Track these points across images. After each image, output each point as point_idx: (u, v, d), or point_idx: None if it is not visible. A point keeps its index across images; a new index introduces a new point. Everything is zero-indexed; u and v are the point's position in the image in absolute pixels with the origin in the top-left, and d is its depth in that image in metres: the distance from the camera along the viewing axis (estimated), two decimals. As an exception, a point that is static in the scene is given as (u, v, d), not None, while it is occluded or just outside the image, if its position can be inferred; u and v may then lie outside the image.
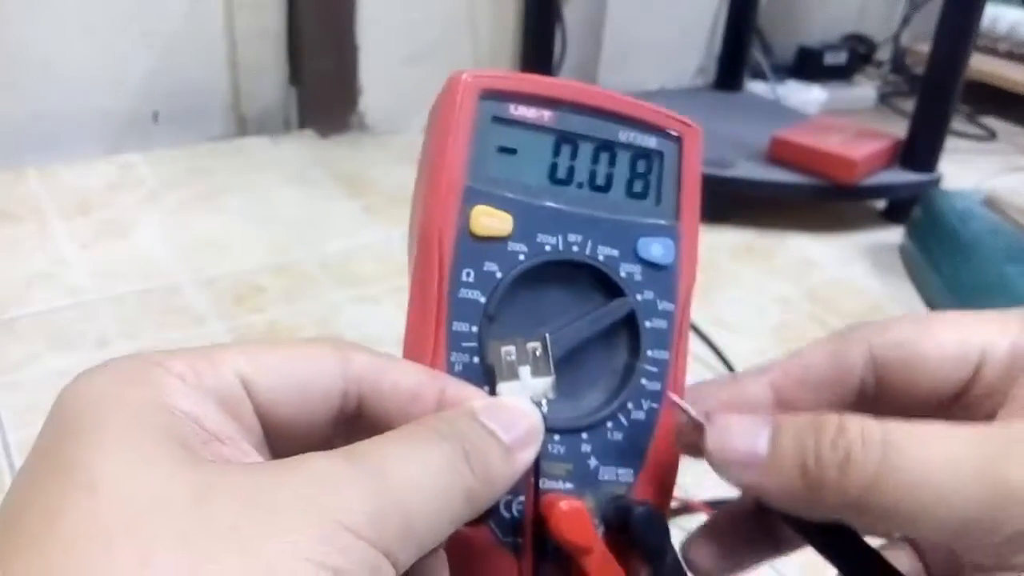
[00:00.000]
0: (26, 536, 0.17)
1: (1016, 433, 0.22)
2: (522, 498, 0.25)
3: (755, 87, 1.65)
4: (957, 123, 1.51)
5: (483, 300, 0.25)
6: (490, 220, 0.25)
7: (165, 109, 1.35)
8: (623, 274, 0.27)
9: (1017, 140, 1.67)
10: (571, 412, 0.26)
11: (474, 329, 0.25)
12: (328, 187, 1.23)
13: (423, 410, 0.23)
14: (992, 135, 1.67)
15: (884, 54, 1.93)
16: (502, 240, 0.25)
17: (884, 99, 1.81)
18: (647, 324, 0.27)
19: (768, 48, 1.73)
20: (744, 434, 0.24)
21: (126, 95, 1.32)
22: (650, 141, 0.27)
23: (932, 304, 1.02)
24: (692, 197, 0.28)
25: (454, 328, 0.25)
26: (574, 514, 0.25)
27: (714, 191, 1.23)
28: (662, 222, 0.27)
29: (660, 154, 0.28)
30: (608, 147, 0.27)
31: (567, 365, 0.26)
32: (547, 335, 0.25)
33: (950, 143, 1.24)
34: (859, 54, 1.86)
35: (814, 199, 1.23)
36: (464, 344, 0.25)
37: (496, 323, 0.25)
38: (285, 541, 0.17)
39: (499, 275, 0.25)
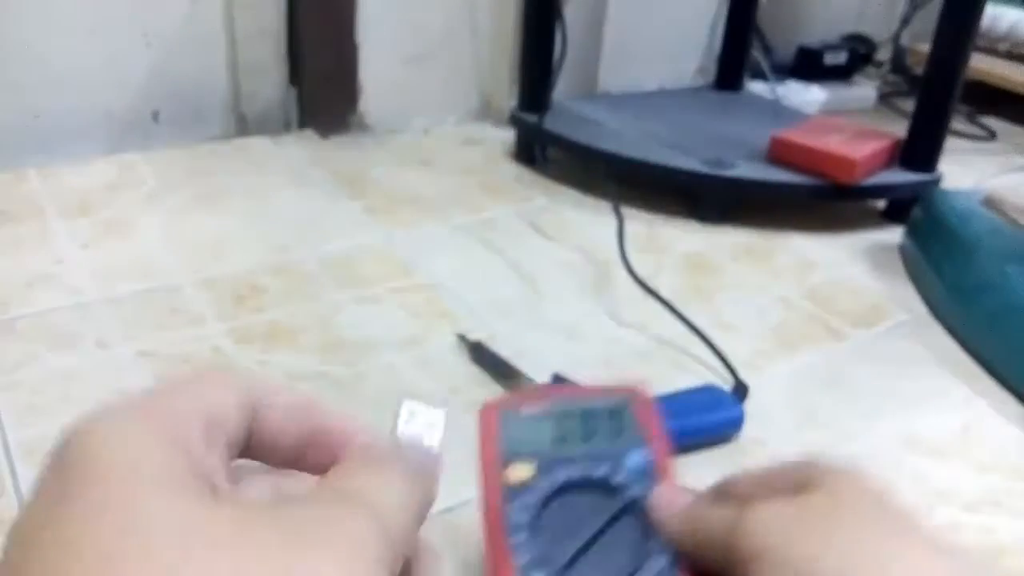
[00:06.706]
0: None
1: None
2: None
3: (755, 87, 1.65)
4: (957, 123, 1.51)
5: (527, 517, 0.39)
6: (519, 473, 0.41)
7: (165, 109, 1.35)
8: (617, 481, 0.40)
9: (1017, 140, 1.67)
10: None
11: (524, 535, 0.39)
12: (328, 187, 1.23)
13: (309, 428, 0.29)
14: (992, 135, 1.67)
15: (884, 54, 1.93)
16: (527, 483, 0.40)
17: (884, 99, 1.81)
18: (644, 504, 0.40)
19: (768, 48, 1.73)
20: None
21: (126, 95, 1.32)
22: (611, 402, 0.43)
23: (932, 304, 1.02)
24: (652, 421, 0.43)
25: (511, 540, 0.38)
26: None
27: (714, 191, 1.25)
28: (636, 442, 0.42)
29: (621, 407, 0.43)
30: (588, 414, 0.43)
31: (588, 554, 0.37)
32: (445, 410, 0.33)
33: (950, 143, 1.24)
34: (859, 54, 1.86)
35: (814, 199, 1.22)
36: (518, 543, 0.38)
37: (540, 527, 0.38)
38: (325, 559, 0.21)
39: (534, 498, 0.40)
